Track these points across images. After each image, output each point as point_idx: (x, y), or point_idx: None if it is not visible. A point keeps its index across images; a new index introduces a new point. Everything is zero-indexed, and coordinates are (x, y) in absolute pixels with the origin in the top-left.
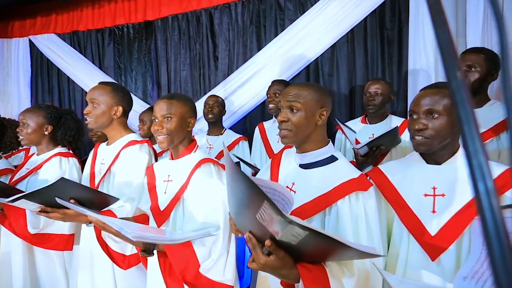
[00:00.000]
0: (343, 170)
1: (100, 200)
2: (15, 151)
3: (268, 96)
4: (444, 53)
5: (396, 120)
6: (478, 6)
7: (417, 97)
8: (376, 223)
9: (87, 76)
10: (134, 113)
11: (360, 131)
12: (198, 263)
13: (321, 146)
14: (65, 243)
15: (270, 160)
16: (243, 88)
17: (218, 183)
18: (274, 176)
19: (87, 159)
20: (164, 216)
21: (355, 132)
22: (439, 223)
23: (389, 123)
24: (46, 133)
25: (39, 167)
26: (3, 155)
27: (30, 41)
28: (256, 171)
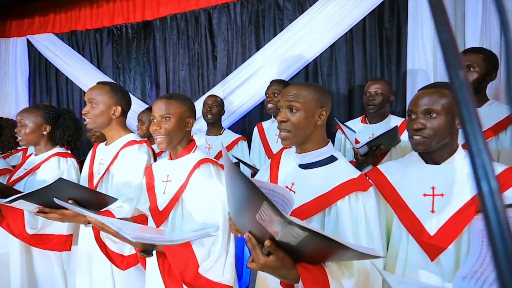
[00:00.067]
0: (343, 170)
1: (99, 201)
2: (13, 151)
3: (267, 96)
4: (446, 52)
5: (396, 120)
6: (477, 6)
7: (416, 97)
8: (376, 224)
9: (86, 76)
10: (133, 113)
11: (360, 131)
12: (197, 264)
13: (321, 146)
14: (63, 244)
15: (270, 160)
16: (242, 88)
17: (217, 184)
18: (274, 176)
19: (86, 159)
20: (163, 217)
21: (355, 132)
22: (438, 223)
23: (389, 123)
24: (45, 133)
25: (37, 167)
26: (1, 155)
27: (28, 41)
28: (255, 172)
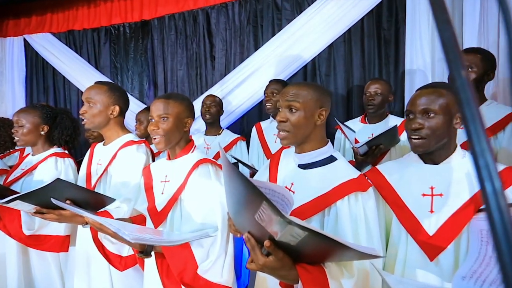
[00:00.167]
0: (342, 171)
1: (96, 201)
2: (11, 151)
3: (266, 96)
4: (448, 52)
5: (395, 120)
6: (475, 7)
7: (413, 97)
8: (376, 224)
9: (83, 76)
10: (131, 113)
11: (360, 131)
12: (196, 265)
13: (320, 146)
14: (61, 245)
15: (269, 161)
16: (240, 88)
17: (216, 184)
18: (273, 177)
19: (83, 160)
20: (162, 217)
21: (355, 132)
22: (437, 223)
23: (389, 123)
24: (42, 133)
25: (34, 168)
26: None
27: (25, 40)
28: (254, 172)
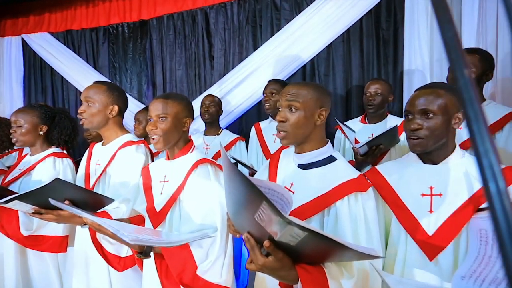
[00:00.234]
0: (342, 171)
1: (95, 201)
2: (10, 151)
3: (265, 96)
4: (450, 51)
5: (395, 120)
6: (473, 7)
7: (412, 98)
8: (375, 224)
9: (81, 76)
10: (129, 113)
11: (360, 131)
12: (196, 265)
13: (320, 146)
14: (59, 245)
15: (268, 161)
16: (239, 88)
17: (215, 184)
18: (272, 177)
19: (82, 160)
20: (161, 217)
21: (355, 132)
22: (437, 223)
23: (388, 123)
24: (41, 134)
25: (32, 168)
26: None
27: (23, 40)
28: (253, 173)
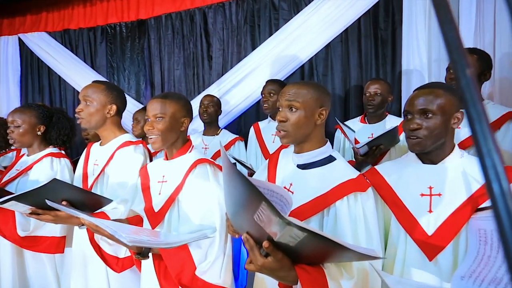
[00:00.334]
0: (342, 171)
1: (93, 202)
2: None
3: (263, 96)
4: (452, 51)
5: (394, 120)
6: (471, 7)
7: (411, 97)
8: (375, 224)
9: (79, 76)
10: (127, 113)
11: (359, 131)
12: (194, 266)
13: (319, 146)
14: (56, 246)
15: (267, 161)
16: (238, 88)
17: (214, 184)
18: (272, 177)
19: (79, 160)
20: (159, 218)
21: (354, 132)
22: (436, 223)
23: (388, 123)
24: (39, 134)
25: (30, 168)
26: None
27: (20, 40)
28: (252, 173)
